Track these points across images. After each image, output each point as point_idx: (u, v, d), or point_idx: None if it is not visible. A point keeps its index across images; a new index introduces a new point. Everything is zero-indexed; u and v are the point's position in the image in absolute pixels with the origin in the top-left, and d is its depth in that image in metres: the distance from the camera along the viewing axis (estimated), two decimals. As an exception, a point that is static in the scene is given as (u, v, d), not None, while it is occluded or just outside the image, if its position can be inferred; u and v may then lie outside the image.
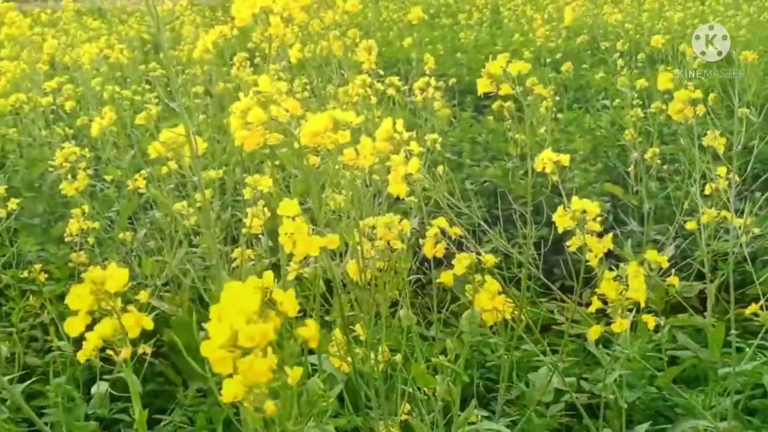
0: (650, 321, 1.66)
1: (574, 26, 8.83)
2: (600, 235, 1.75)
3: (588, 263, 1.74)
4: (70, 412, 2.42)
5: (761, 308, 1.99)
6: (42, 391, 2.51)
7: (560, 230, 1.70)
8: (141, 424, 1.15)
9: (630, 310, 1.69)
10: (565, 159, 1.70)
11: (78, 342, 2.93)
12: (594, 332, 1.64)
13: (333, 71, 3.06)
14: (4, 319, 3.02)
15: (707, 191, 2.24)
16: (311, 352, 1.88)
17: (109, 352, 1.15)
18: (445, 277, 1.59)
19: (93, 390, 2.51)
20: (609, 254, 1.85)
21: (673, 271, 1.92)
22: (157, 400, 2.73)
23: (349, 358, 1.63)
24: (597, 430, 1.95)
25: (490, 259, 1.55)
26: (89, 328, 1.15)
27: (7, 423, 2.36)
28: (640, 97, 4.64)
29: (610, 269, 1.74)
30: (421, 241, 2.23)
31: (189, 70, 5.28)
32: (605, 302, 1.68)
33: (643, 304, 1.61)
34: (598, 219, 1.74)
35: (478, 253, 1.57)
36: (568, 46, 7.95)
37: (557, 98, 4.71)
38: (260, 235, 2.55)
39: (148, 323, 1.14)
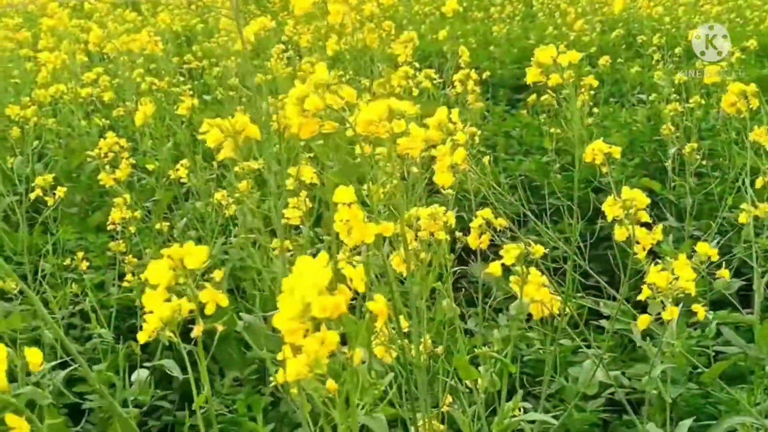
0: (700, 311, 1.64)
1: (609, 20, 8.74)
2: (647, 226, 1.73)
3: (635, 255, 1.72)
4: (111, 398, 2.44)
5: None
6: (83, 378, 2.54)
7: (609, 219, 1.68)
8: (201, 402, 1.16)
9: (676, 304, 1.67)
10: (616, 151, 1.68)
11: (117, 329, 2.94)
12: (643, 321, 1.62)
13: (368, 64, 3.05)
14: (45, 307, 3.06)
15: (758, 184, 2.21)
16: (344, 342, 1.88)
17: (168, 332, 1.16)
18: (494, 268, 1.58)
19: (133, 377, 2.55)
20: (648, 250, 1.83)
21: (723, 265, 1.89)
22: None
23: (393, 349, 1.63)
24: (641, 424, 1.93)
25: (539, 250, 1.54)
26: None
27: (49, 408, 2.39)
28: (677, 91, 4.58)
29: (654, 264, 1.71)
30: (457, 234, 2.22)
31: (223, 62, 5.30)
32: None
33: (693, 294, 1.58)
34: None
35: (528, 245, 1.56)
36: (602, 39, 7.87)
37: (592, 92, 4.66)
38: (301, 226, 2.55)
39: (224, 300, 1.16)
